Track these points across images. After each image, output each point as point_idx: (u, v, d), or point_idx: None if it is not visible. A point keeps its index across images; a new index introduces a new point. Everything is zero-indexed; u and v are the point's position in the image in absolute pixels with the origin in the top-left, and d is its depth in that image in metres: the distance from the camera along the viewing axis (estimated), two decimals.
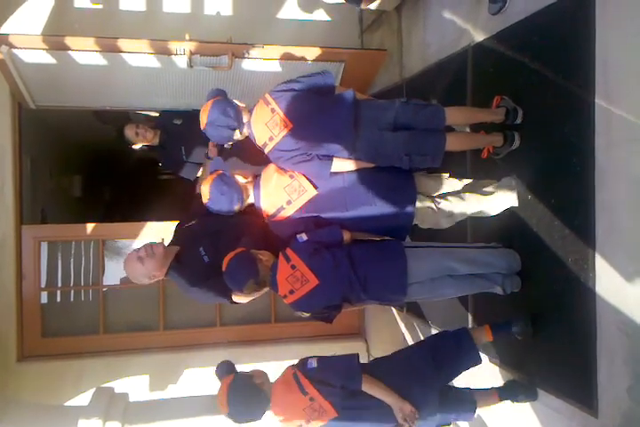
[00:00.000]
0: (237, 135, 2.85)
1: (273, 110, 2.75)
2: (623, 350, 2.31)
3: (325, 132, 2.75)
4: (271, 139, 2.76)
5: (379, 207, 2.77)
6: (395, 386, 2.71)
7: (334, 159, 2.75)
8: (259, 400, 2.70)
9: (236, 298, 3.07)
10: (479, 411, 3.02)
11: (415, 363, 2.90)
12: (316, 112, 2.78)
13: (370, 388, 2.68)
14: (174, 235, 3.29)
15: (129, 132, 4.19)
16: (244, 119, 2.82)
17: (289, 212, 2.73)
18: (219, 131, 2.80)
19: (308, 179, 2.71)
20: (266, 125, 2.76)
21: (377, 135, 2.77)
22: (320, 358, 2.78)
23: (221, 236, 3.00)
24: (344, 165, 2.79)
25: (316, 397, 2.61)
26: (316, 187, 2.71)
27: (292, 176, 2.73)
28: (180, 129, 4.20)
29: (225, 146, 3.21)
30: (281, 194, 2.73)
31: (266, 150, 2.82)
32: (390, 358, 3.03)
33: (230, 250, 2.72)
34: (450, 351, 2.94)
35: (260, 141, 2.82)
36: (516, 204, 2.95)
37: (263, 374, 2.85)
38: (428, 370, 2.86)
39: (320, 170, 2.75)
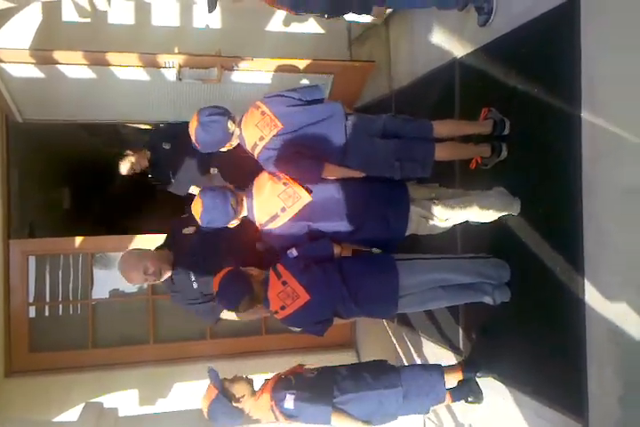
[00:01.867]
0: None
1: (263, 113, 2.79)
2: (613, 360, 2.31)
3: (315, 133, 2.78)
4: (262, 138, 2.77)
5: (373, 219, 2.77)
6: None
7: (325, 164, 2.77)
8: (238, 416, 2.83)
9: (225, 315, 3.12)
10: (468, 421, 3.03)
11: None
12: (306, 114, 2.82)
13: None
14: (169, 237, 3.33)
15: (125, 170, 4.12)
16: (236, 133, 2.85)
17: (284, 219, 2.70)
18: (211, 132, 2.80)
19: (301, 185, 2.70)
20: (256, 126, 2.78)
21: (367, 141, 2.80)
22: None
23: (213, 257, 3.01)
24: (334, 170, 2.80)
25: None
26: (310, 193, 2.70)
27: (285, 184, 2.71)
28: (168, 154, 4.11)
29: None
30: (275, 201, 2.69)
31: (256, 152, 2.82)
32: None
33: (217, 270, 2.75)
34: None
35: (250, 144, 2.82)
36: (515, 211, 2.90)
37: (246, 388, 2.87)
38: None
39: (311, 169, 2.75)
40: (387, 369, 3.10)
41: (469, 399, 3.23)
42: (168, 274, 3.11)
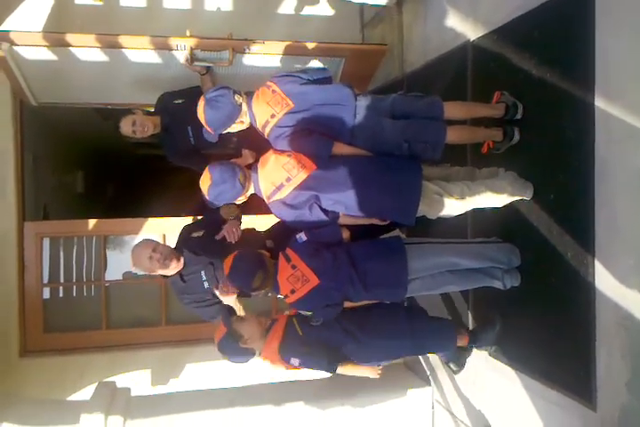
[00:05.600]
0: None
1: (274, 91, 2.81)
2: (622, 345, 2.31)
3: (325, 113, 2.78)
4: (273, 116, 2.78)
5: (384, 188, 2.72)
6: None
7: (334, 142, 2.76)
8: (247, 354, 2.97)
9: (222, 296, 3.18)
10: (476, 404, 3.05)
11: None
12: (316, 93, 2.83)
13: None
14: (181, 240, 3.37)
15: (125, 129, 3.82)
16: (244, 107, 2.84)
17: (289, 189, 2.69)
18: (219, 107, 2.79)
19: (307, 156, 2.71)
20: (267, 104, 2.79)
21: (375, 121, 2.79)
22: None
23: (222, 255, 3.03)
24: (343, 148, 2.79)
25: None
26: (315, 164, 2.70)
27: (290, 155, 2.73)
28: (183, 108, 3.83)
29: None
30: (280, 172, 2.70)
31: (267, 130, 2.82)
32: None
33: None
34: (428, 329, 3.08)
35: (261, 121, 2.82)
36: (527, 196, 2.86)
37: (256, 330, 2.92)
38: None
39: (320, 146, 2.75)
40: (398, 319, 3.02)
41: (450, 365, 3.31)
42: (174, 266, 3.17)
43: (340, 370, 2.95)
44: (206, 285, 3.21)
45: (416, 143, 2.75)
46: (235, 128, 2.92)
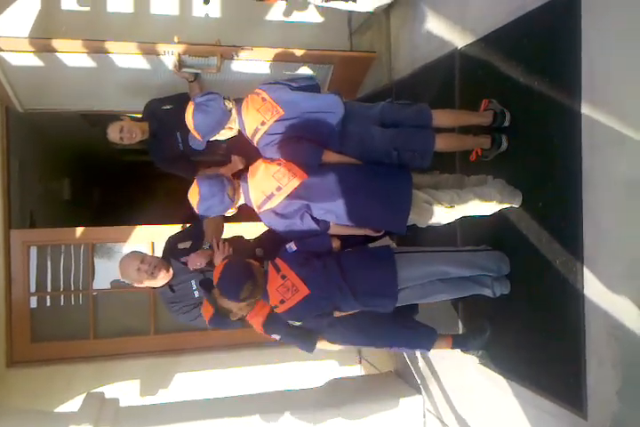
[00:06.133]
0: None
1: (264, 99, 2.79)
2: (612, 353, 2.31)
3: (315, 121, 2.77)
4: (263, 123, 2.76)
5: (374, 196, 2.71)
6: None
7: (324, 149, 2.76)
8: (238, 324, 2.92)
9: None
10: (467, 412, 3.04)
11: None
12: (305, 101, 2.82)
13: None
14: (168, 251, 3.35)
15: (113, 136, 3.78)
16: (233, 113, 2.81)
17: (280, 198, 2.66)
18: (208, 111, 2.76)
19: (297, 165, 2.69)
20: (257, 111, 2.77)
21: (364, 129, 2.78)
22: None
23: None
24: (333, 156, 2.78)
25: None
26: (306, 172, 2.68)
27: (280, 164, 2.71)
28: (171, 114, 3.85)
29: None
30: (270, 181, 2.67)
31: (256, 137, 2.80)
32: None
33: None
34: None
35: (250, 129, 2.80)
36: (516, 204, 2.86)
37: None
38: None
39: (310, 154, 2.74)
40: (383, 319, 3.06)
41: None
42: (163, 277, 3.16)
43: (318, 346, 3.13)
44: (197, 294, 3.19)
45: (405, 151, 2.75)
46: (223, 135, 2.88)
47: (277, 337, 3.01)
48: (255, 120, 2.78)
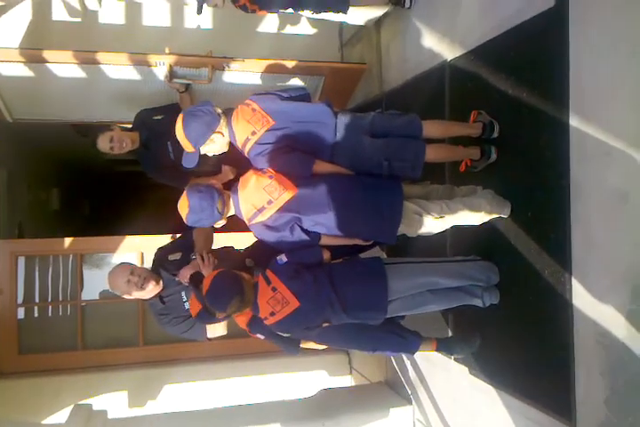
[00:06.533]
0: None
1: (254, 110, 2.80)
2: (600, 362, 2.33)
3: (306, 130, 2.78)
4: (254, 133, 2.77)
5: (366, 209, 2.72)
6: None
7: (315, 159, 2.77)
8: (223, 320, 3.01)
9: (210, 332, 3.23)
10: (457, 422, 3.04)
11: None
12: (296, 111, 2.84)
13: None
14: (157, 263, 3.33)
15: (103, 145, 3.76)
16: (223, 123, 2.82)
17: (270, 211, 2.66)
18: (198, 116, 2.77)
19: (288, 178, 2.69)
20: (248, 122, 2.78)
21: (355, 139, 2.80)
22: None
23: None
24: (324, 166, 2.79)
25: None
26: (296, 185, 2.68)
27: (271, 176, 2.69)
28: (162, 124, 3.82)
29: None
30: (261, 194, 2.66)
31: (247, 148, 2.80)
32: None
33: None
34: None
35: (241, 139, 2.80)
36: (505, 214, 2.89)
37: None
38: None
39: (302, 163, 2.74)
40: (366, 329, 3.06)
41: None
42: (152, 289, 3.14)
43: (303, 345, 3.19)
44: (187, 306, 3.17)
45: (396, 161, 2.76)
46: (214, 144, 2.85)
47: (262, 337, 3.04)
48: (246, 130, 2.78)
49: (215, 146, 2.88)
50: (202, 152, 2.89)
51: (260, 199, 2.66)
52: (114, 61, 4.22)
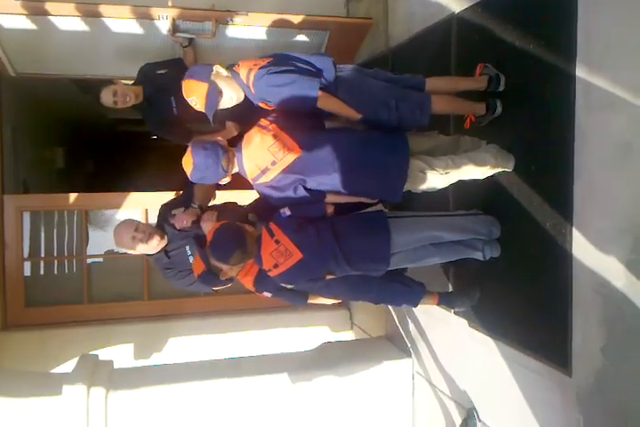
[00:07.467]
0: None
1: (256, 64, 2.71)
2: (598, 311, 2.36)
3: (307, 62, 2.74)
4: (256, 64, 2.70)
5: (369, 167, 2.70)
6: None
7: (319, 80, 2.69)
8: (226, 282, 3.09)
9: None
10: (456, 374, 3.09)
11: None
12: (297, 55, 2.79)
13: None
14: (162, 218, 3.36)
15: (106, 100, 3.74)
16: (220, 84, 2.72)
17: (274, 173, 2.63)
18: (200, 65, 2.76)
19: (292, 138, 2.65)
20: (251, 61, 2.73)
21: (361, 79, 2.78)
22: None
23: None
24: (329, 101, 2.69)
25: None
26: (301, 146, 2.64)
27: (275, 136, 2.65)
28: (166, 78, 3.81)
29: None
30: (265, 154, 2.63)
31: (251, 80, 2.69)
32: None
33: None
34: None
35: (244, 76, 2.72)
36: (509, 168, 2.89)
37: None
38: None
39: (307, 91, 2.63)
40: (370, 279, 3.09)
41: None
42: (157, 244, 3.18)
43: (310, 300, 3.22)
44: (191, 259, 3.22)
45: (404, 102, 2.71)
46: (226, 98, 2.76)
47: (269, 295, 3.06)
48: (248, 64, 2.71)
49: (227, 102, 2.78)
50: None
51: (264, 159, 2.64)
52: (116, 14, 4.16)
